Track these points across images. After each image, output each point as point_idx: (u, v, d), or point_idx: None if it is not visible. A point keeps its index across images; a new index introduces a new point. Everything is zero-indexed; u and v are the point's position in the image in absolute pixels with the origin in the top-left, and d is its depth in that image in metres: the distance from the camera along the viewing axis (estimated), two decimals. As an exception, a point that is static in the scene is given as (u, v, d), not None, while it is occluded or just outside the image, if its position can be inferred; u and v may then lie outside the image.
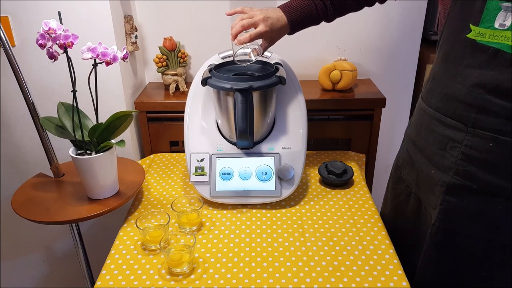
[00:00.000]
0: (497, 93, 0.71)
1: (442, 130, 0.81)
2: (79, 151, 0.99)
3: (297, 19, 0.98)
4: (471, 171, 0.77)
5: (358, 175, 1.17)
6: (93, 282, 1.18)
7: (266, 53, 1.09)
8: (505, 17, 0.68)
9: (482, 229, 0.79)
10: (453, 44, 0.78)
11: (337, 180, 1.11)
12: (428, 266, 0.87)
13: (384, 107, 1.30)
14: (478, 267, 0.82)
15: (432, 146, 0.84)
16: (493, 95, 0.71)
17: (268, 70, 1.01)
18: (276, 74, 0.99)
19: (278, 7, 0.99)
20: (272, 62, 1.07)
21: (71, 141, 1.00)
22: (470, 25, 0.73)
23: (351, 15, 1.36)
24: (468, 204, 0.79)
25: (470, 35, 0.73)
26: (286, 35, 1.01)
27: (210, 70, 1.01)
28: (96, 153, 0.96)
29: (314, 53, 1.43)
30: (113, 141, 0.98)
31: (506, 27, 0.68)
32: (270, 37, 0.96)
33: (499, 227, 0.78)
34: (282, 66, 1.05)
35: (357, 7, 1.03)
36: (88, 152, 0.98)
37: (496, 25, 0.69)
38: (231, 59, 1.08)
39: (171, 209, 0.98)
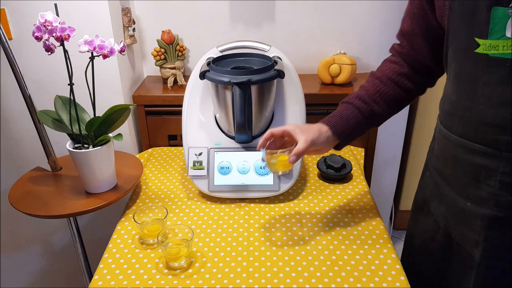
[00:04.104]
0: None
1: (471, 158, 0.72)
2: (76, 145, 0.98)
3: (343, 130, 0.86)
4: None
5: (357, 170, 1.17)
6: (91, 276, 1.18)
7: (264, 46, 1.08)
8: None
9: None
10: (463, 62, 0.70)
11: (336, 174, 1.10)
12: None
13: (383, 101, 1.30)
14: None
15: (463, 176, 0.75)
16: None
17: (266, 64, 1.00)
18: (275, 67, 0.98)
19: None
20: (271, 55, 1.06)
21: (68, 134, 0.99)
22: (476, 39, 0.65)
23: (350, 9, 1.36)
24: None
25: (479, 50, 0.65)
26: (289, 35, 0.98)
27: (208, 64, 1.00)
28: (94, 146, 0.96)
29: (313, 46, 1.42)
30: (110, 134, 0.98)
31: None
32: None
33: None
34: (281, 60, 1.04)
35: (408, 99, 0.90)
36: (85, 145, 0.98)
37: (508, 34, 0.62)
38: (229, 52, 1.07)
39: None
